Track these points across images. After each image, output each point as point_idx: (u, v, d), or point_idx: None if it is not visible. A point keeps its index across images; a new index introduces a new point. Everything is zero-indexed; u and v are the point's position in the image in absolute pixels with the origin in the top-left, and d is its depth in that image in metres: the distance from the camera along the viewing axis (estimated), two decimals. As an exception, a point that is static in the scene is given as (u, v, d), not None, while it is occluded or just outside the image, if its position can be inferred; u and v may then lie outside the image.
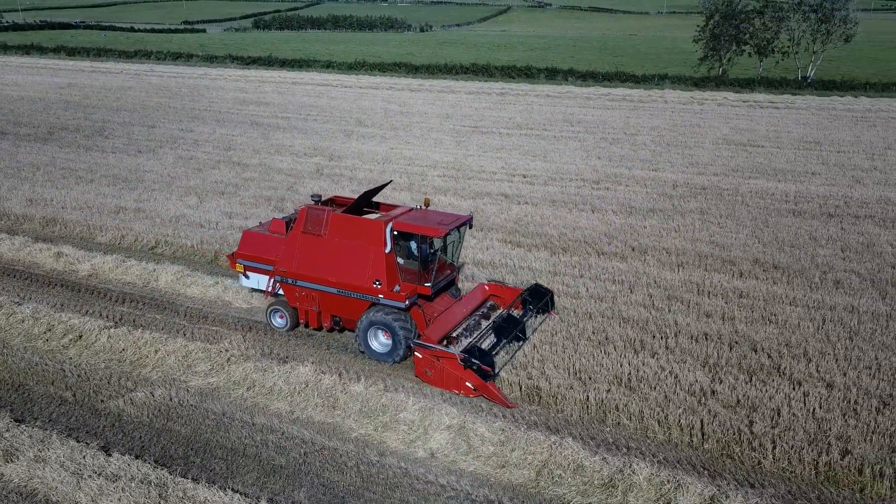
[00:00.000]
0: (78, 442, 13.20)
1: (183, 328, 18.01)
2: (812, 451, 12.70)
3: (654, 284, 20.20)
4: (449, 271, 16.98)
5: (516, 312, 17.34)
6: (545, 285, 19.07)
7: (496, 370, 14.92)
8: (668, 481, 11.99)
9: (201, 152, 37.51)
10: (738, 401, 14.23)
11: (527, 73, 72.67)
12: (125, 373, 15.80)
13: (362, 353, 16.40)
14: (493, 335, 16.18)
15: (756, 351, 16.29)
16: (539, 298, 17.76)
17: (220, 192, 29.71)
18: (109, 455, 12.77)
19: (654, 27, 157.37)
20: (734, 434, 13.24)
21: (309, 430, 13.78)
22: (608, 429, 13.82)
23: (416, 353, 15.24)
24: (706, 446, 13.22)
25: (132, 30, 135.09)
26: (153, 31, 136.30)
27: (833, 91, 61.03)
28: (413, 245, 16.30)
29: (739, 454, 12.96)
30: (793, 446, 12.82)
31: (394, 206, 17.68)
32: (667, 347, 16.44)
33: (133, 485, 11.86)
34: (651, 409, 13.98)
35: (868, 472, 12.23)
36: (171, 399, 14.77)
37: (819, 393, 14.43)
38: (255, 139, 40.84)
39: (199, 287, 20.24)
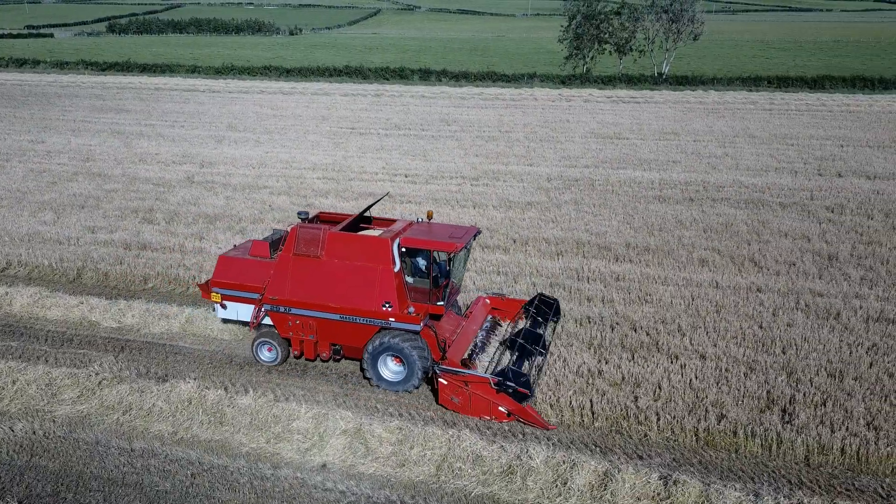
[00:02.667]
0: (-76, 490, 11.73)
1: (44, 354, 16.48)
2: (692, 419, 13.47)
3: (536, 273, 20.75)
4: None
5: (522, 323, 16.52)
6: (549, 294, 18.45)
7: (533, 391, 13.95)
8: (564, 462, 12.32)
9: (55, 164, 34.68)
10: (623, 378, 14.87)
11: (401, 75, 72.86)
12: (-22, 408, 14.22)
13: (368, 379, 15.06)
14: (512, 353, 15.14)
15: (636, 330, 17.10)
16: (546, 308, 16.88)
17: (79, 205, 27.56)
18: (-36, 501, 11.44)
19: (520, 28, 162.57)
20: (622, 410, 13.80)
21: (195, 450, 12.99)
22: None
23: (441, 379, 14.00)
24: (597, 424, 13.70)
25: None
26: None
27: (686, 86, 65.55)
28: (421, 261, 15.22)
29: (627, 429, 13.53)
30: (675, 416, 13.54)
31: (390, 220, 16.38)
32: (553, 333, 16.91)
33: (-6, 530, 10.68)
34: (543, 394, 14.31)
35: (742, 434, 13.13)
36: (34, 432, 13.45)
37: (694, 364, 15.35)
38: (117, 148, 38.27)
39: (61, 308, 18.63)
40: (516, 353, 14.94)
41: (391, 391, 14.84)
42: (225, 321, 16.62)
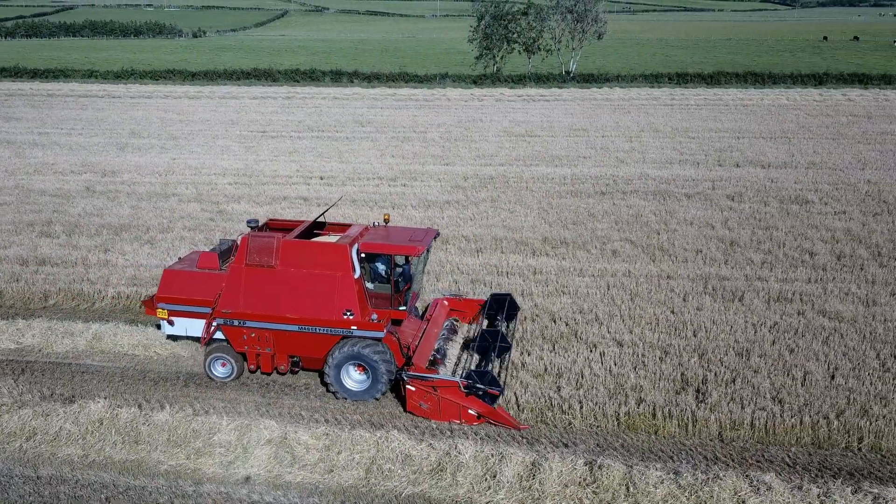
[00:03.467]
0: None
1: (-66, 382, 15.24)
2: (613, 404, 13.89)
3: (457, 271, 20.88)
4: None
5: (481, 323, 16.54)
6: (500, 291, 18.39)
7: (502, 391, 13.86)
8: (493, 455, 12.43)
9: (-62, 178, 32.16)
10: (546, 369, 15.17)
11: (312, 77, 71.78)
12: None
13: (326, 385, 14.63)
14: (475, 354, 15.09)
15: (555, 321, 17.47)
16: (504, 306, 16.80)
17: (-33, 221, 25.69)
18: None
19: (431, 29, 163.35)
20: (546, 401, 14.05)
21: (109, 472, 12.34)
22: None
23: (408, 386, 13.69)
24: (523, 416, 13.89)
25: None
26: None
27: (592, 83, 67.56)
28: (380, 266, 14.86)
29: (552, 419, 13.80)
30: (596, 403, 13.92)
31: (345, 225, 15.97)
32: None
33: None
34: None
35: (660, 415, 13.64)
36: (-74, 467, 12.42)
37: (612, 351, 15.84)
38: (8, 159, 35.89)
39: (-49, 332, 17.30)
40: (480, 354, 14.93)
41: (357, 401, 14.51)
42: (171, 338, 15.83)
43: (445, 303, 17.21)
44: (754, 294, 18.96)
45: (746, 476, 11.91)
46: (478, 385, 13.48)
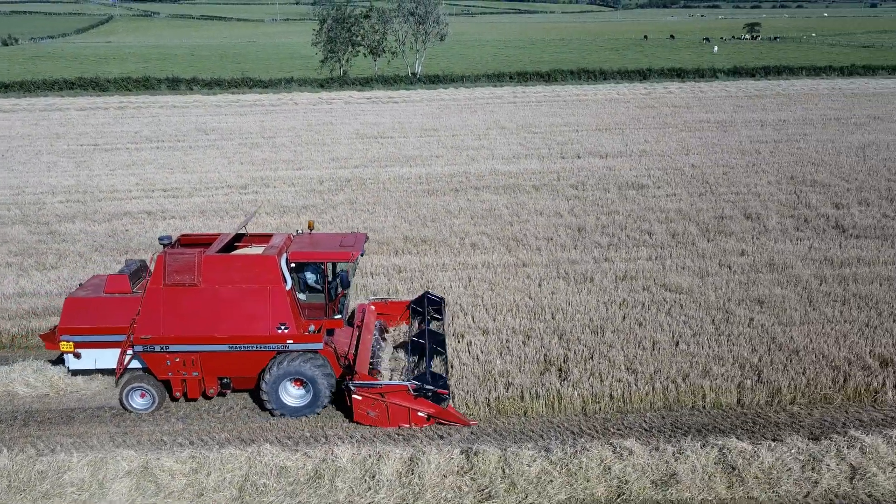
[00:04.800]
0: None
1: None
2: (483, 390, 14.28)
3: (320, 276, 20.52)
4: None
5: (410, 325, 16.50)
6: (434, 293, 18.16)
7: (450, 390, 13.69)
8: (370, 456, 12.35)
9: None
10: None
11: (146, 85, 67.53)
12: None
13: (259, 403, 13.85)
14: (413, 355, 15.01)
15: (422, 317, 17.65)
16: (432, 305, 16.86)
17: None
18: None
19: (272, 34, 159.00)
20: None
21: (-62, 533, 10.92)
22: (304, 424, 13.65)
23: (355, 395, 13.12)
24: (397, 413, 13.91)
25: None
26: None
27: (438, 84, 68.94)
28: (310, 276, 14.26)
29: (426, 412, 13.94)
30: (468, 391, 14.26)
31: (266, 236, 15.07)
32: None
33: None
34: (340, 392, 14.19)
35: (527, 397, 14.20)
36: None
37: (478, 340, 16.29)
38: None
39: None
40: (417, 355, 14.90)
41: (298, 417, 13.90)
42: (75, 373, 14.27)
43: (372, 307, 17.08)
44: (603, 275, 20.23)
45: (610, 444, 12.67)
46: (427, 386, 13.47)
